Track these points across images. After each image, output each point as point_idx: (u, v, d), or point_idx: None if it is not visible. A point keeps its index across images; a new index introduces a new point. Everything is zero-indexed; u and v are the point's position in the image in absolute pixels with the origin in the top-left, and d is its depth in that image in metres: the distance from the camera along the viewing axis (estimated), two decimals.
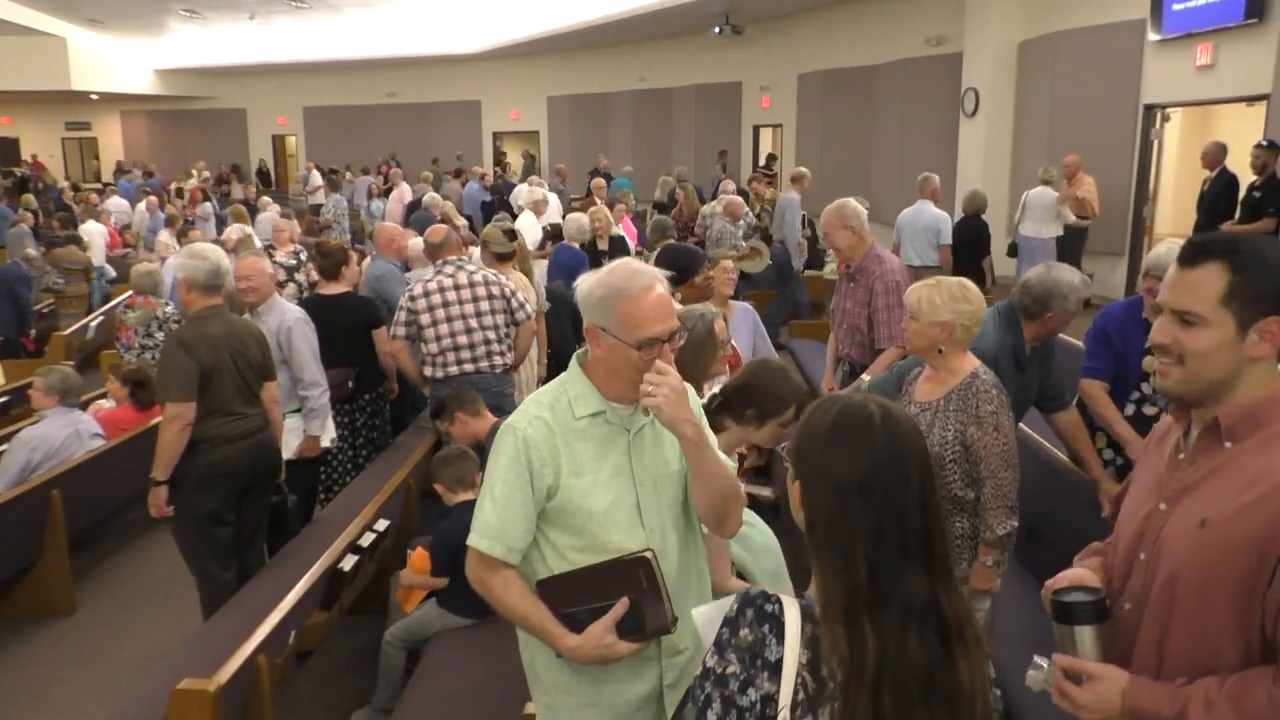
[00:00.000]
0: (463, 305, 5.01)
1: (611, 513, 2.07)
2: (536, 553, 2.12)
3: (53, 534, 4.97)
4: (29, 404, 6.78)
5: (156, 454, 4.02)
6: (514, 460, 2.05)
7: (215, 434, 4.07)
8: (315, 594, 3.65)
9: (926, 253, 8.42)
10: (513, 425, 2.09)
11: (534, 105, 23.86)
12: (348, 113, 25.34)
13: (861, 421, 1.43)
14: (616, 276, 2.08)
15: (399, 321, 5.08)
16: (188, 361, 3.98)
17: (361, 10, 20.84)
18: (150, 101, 26.45)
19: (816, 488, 1.44)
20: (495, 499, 2.07)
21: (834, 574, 1.40)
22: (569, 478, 2.06)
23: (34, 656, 4.61)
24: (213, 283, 4.18)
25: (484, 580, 2.10)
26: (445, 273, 5.06)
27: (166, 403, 4.01)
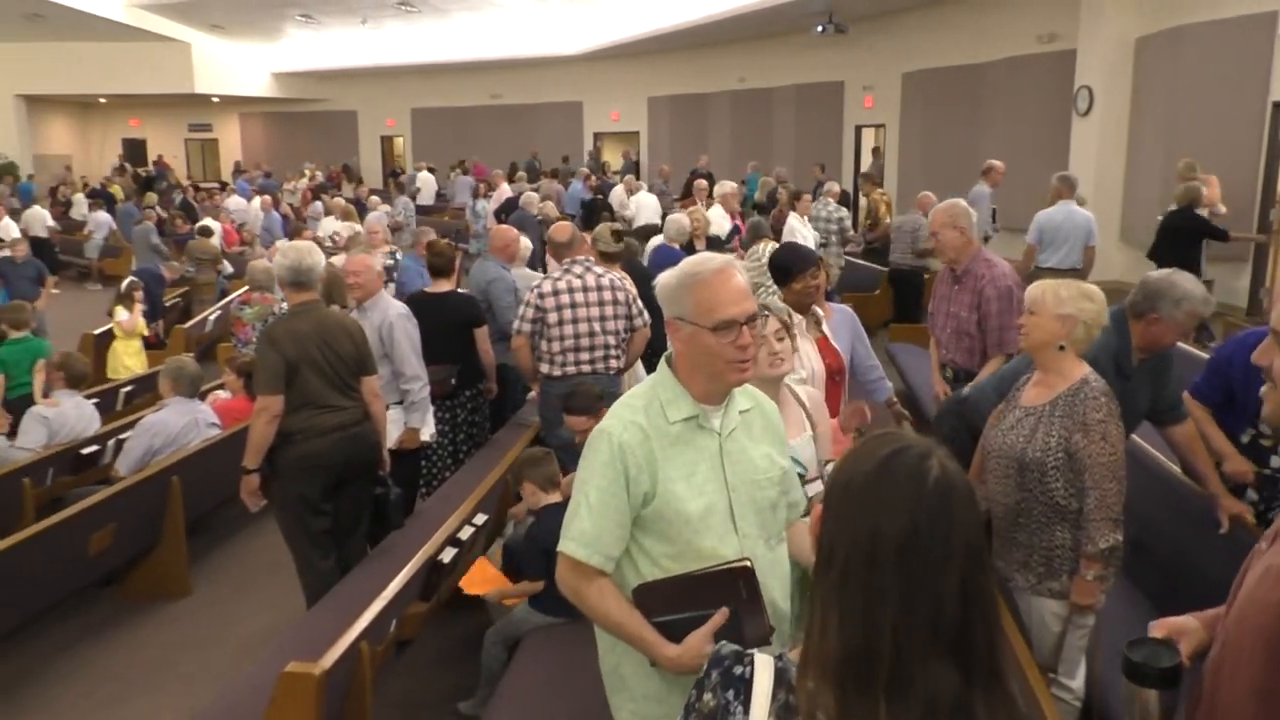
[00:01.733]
0: (589, 308, 5.03)
1: (706, 518, 2.05)
2: (628, 559, 2.10)
3: (171, 519, 5.21)
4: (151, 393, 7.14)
5: (248, 443, 4.21)
6: (609, 466, 2.03)
7: (307, 426, 4.20)
8: (415, 585, 3.74)
9: (1075, 256, 8.11)
10: (607, 431, 2.08)
11: (634, 106, 23.95)
12: (453, 114, 25.85)
13: (915, 473, 1.21)
14: (689, 264, 2.11)
15: (525, 318, 5.07)
16: (274, 356, 4.13)
17: (468, 14, 21.25)
18: (267, 104, 27.46)
19: (849, 526, 1.23)
20: (591, 506, 2.04)
21: (840, 627, 1.20)
22: (664, 484, 2.03)
23: (151, 637, 4.84)
24: (299, 279, 4.33)
25: (577, 588, 2.08)
26: (574, 273, 5.09)
27: (257, 395, 4.19)
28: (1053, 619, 3.10)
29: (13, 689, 4.35)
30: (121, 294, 9.01)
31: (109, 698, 4.27)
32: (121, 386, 7.90)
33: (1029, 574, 3.10)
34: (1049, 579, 3.07)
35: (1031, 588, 3.10)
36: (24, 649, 4.65)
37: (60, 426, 5.85)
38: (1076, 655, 3.14)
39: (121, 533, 4.85)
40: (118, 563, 5.05)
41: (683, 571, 2.02)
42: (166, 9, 21.46)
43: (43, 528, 4.43)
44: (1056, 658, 3.14)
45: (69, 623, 4.91)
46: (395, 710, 3.98)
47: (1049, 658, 3.14)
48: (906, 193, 15.86)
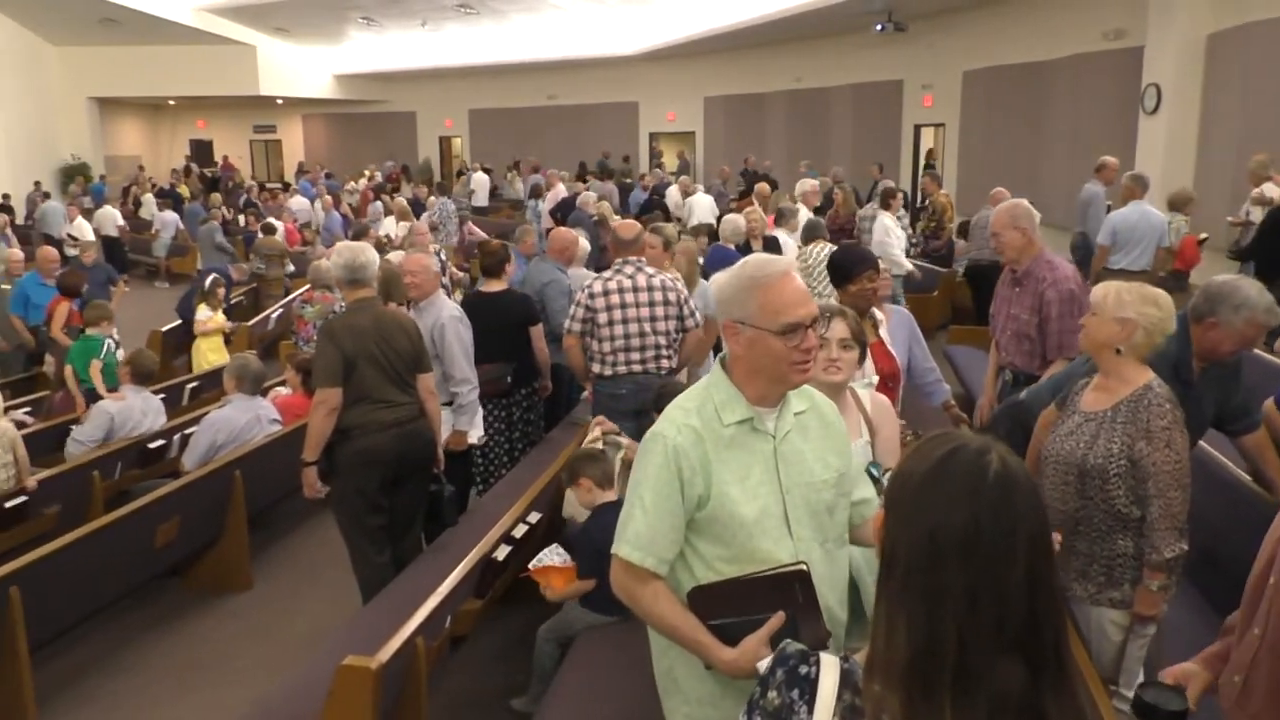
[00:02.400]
0: (639, 308, 5.03)
1: (761, 522, 2.04)
2: (682, 562, 2.09)
3: (234, 513, 5.32)
4: (216, 389, 7.30)
5: (307, 436, 4.29)
6: (663, 469, 2.03)
7: (365, 421, 4.27)
8: (470, 581, 3.78)
9: (1147, 257, 7.91)
10: (661, 434, 2.07)
11: (690, 106, 23.93)
12: (510, 115, 26.05)
13: (974, 468, 1.20)
14: (751, 267, 2.09)
15: (575, 318, 5.10)
16: (332, 350, 4.21)
17: (526, 15, 21.41)
18: (329, 105, 27.93)
19: (909, 527, 1.21)
20: (645, 508, 2.04)
21: (907, 630, 1.18)
22: (718, 487, 2.03)
23: (214, 628, 4.95)
24: (354, 276, 4.41)
25: (631, 590, 2.08)
26: (625, 273, 5.10)
27: (316, 388, 4.27)
28: (1113, 629, 3.03)
29: (83, 676, 4.48)
30: (205, 291, 9.21)
31: (174, 687, 4.38)
32: (187, 382, 8.09)
33: (1088, 583, 3.03)
34: (1109, 588, 3.00)
35: (1091, 597, 3.03)
36: (93, 638, 4.79)
37: (124, 421, 6.00)
38: (1136, 666, 3.07)
39: (186, 525, 4.97)
40: (182, 555, 5.18)
41: (737, 574, 2.02)
42: (233, 13, 21.95)
43: (111, 520, 4.55)
44: (1116, 668, 3.08)
45: (136, 613, 5.04)
46: (450, 705, 4.02)
47: (1108, 668, 3.08)
48: (966, 193, 15.65)
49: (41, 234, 16.58)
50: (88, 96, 24.46)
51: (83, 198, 19.11)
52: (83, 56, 23.71)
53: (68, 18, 21.36)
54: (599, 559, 3.63)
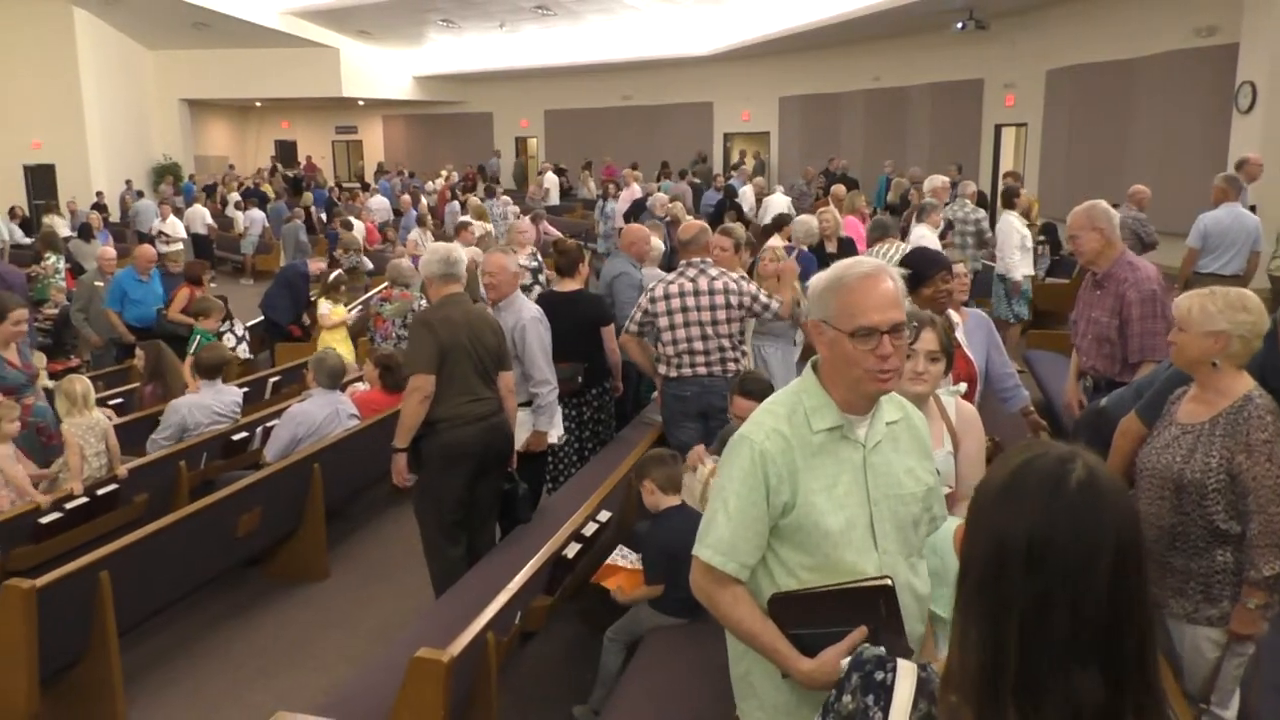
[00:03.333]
0: (700, 311, 5.02)
1: (847, 532, 2.00)
2: (764, 568, 2.07)
3: (313, 504, 5.45)
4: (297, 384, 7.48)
5: (399, 423, 4.35)
6: (749, 474, 2.00)
7: (455, 414, 4.33)
8: (540, 578, 3.82)
9: (1239, 261, 7.63)
10: (749, 438, 2.04)
11: (765, 106, 23.79)
12: (585, 115, 26.21)
13: (1050, 477, 1.16)
14: (841, 267, 2.07)
15: (633, 319, 5.14)
16: (429, 338, 4.28)
17: (601, 16, 21.52)
18: (408, 106, 28.42)
19: (980, 536, 1.19)
20: (729, 513, 2.02)
21: (978, 641, 1.17)
22: (805, 495, 2.00)
23: (292, 617, 5.08)
24: (449, 271, 4.49)
25: (711, 594, 2.06)
26: (687, 275, 5.09)
27: (411, 376, 4.33)
28: (1209, 646, 2.93)
29: (168, 660, 4.63)
30: (329, 285, 9.45)
31: (254, 673, 4.50)
32: (269, 376, 8.31)
33: (1185, 601, 2.93)
34: (1206, 606, 2.90)
35: (1188, 615, 2.93)
36: (178, 623, 4.95)
37: (194, 415, 6.07)
38: (1232, 685, 2.97)
39: (267, 516, 5.11)
40: (263, 544, 5.32)
41: (819, 583, 1.99)
42: (318, 16, 22.49)
43: (196, 508, 4.70)
44: (1210, 686, 2.98)
45: (218, 600, 5.19)
46: (519, 701, 4.05)
47: (1202, 687, 2.98)
48: (1048, 195, 15.28)
49: (135, 231, 17.21)
50: (179, 98, 25.33)
51: (174, 197, 19.76)
52: (175, 60, 24.55)
53: (162, 22, 22.13)
54: (664, 562, 3.64)
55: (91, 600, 3.94)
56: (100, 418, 5.36)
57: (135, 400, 7.48)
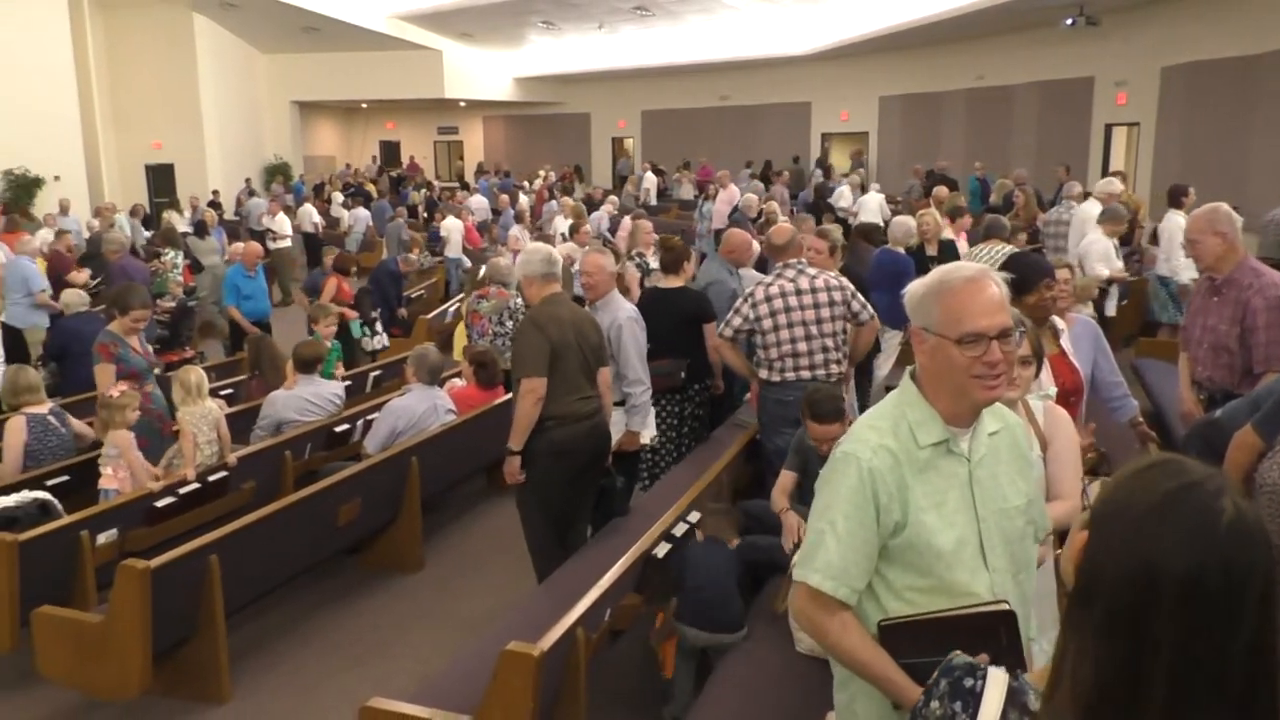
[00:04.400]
0: (804, 311, 4.96)
1: (958, 551, 1.92)
2: (868, 593, 1.98)
3: (410, 497, 5.58)
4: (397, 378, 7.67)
5: (513, 426, 4.39)
6: (858, 493, 1.92)
7: (564, 412, 4.37)
8: (630, 577, 3.83)
9: None
10: (855, 455, 1.95)
11: (864, 106, 23.47)
12: (681, 115, 26.25)
13: (1208, 512, 1.09)
14: (942, 271, 1.99)
15: (730, 324, 5.09)
16: (540, 339, 4.31)
17: (700, 16, 21.51)
18: (508, 107, 28.89)
19: (1122, 561, 1.11)
20: (838, 535, 1.93)
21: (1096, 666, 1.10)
22: (915, 513, 1.91)
23: (387, 606, 5.20)
24: (550, 271, 4.53)
25: (818, 622, 1.97)
26: (786, 277, 5.05)
27: (521, 378, 4.35)
28: None
29: (270, 642, 4.80)
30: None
31: (350, 659, 4.64)
32: (371, 370, 8.53)
33: None
34: None
35: None
36: (280, 608, 5.12)
37: (289, 408, 6.27)
38: None
39: (366, 506, 5.25)
40: (361, 534, 5.47)
41: (929, 606, 1.91)
42: (422, 19, 23.02)
43: (300, 497, 4.86)
44: None
45: (317, 587, 5.36)
46: (608, 699, 4.08)
47: None
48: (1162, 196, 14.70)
49: (247, 228, 17.88)
50: (290, 100, 26.26)
51: (285, 195, 20.47)
52: (287, 63, 25.45)
53: (274, 27, 22.96)
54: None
55: (201, 582, 4.11)
56: (213, 407, 5.58)
57: (243, 391, 7.77)
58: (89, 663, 3.94)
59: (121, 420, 5.16)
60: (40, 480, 5.20)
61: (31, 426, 5.48)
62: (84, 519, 4.69)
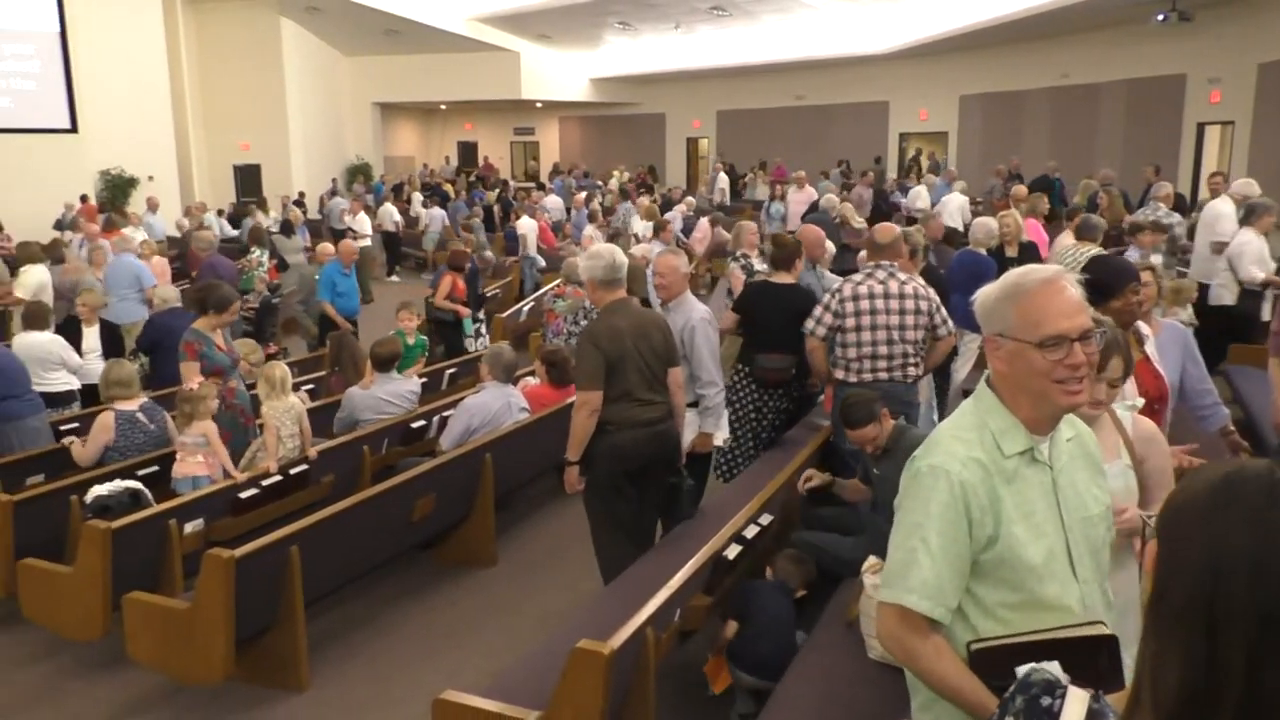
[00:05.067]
0: (889, 315, 4.92)
1: (1049, 564, 1.86)
2: (956, 611, 1.91)
3: (483, 493, 5.65)
4: (472, 376, 7.78)
5: (570, 436, 4.44)
6: (950, 509, 1.85)
7: (622, 418, 4.40)
8: (700, 577, 3.83)
9: None
10: (944, 469, 1.88)
11: (944, 105, 23.07)
12: (756, 115, 26.12)
13: (1268, 490, 1.09)
14: (1015, 275, 1.94)
15: (821, 320, 5.04)
16: (595, 354, 4.35)
17: (777, 16, 21.39)
18: (583, 108, 29.07)
19: (1188, 552, 1.11)
20: (931, 553, 1.85)
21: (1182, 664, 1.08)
22: (1007, 525, 1.86)
23: (460, 601, 5.28)
24: (612, 277, 4.52)
25: (910, 645, 1.89)
26: (877, 278, 5.00)
27: (578, 391, 4.43)
28: None
29: (347, 633, 4.91)
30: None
31: (425, 651, 4.72)
32: (446, 368, 8.67)
33: None
34: None
35: None
36: (356, 600, 5.23)
37: (366, 405, 6.40)
38: None
39: (440, 502, 5.33)
40: (435, 529, 5.55)
41: (1020, 622, 1.85)
42: (501, 21, 23.33)
43: (377, 491, 4.96)
44: None
45: (392, 580, 5.46)
46: (677, 699, 4.09)
47: None
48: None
49: (329, 227, 18.29)
50: (371, 102, 26.81)
51: (366, 195, 20.91)
52: (368, 65, 26.00)
53: (357, 30, 23.48)
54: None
55: (282, 572, 4.22)
56: (295, 402, 5.73)
57: (324, 387, 7.95)
58: (175, 648, 4.08)
59: (205, 410, 5.33)
60: (132, 470, 5.41)
61: (120, 424, 5.68)
62: (172, 508, 4.87)
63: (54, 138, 18.40)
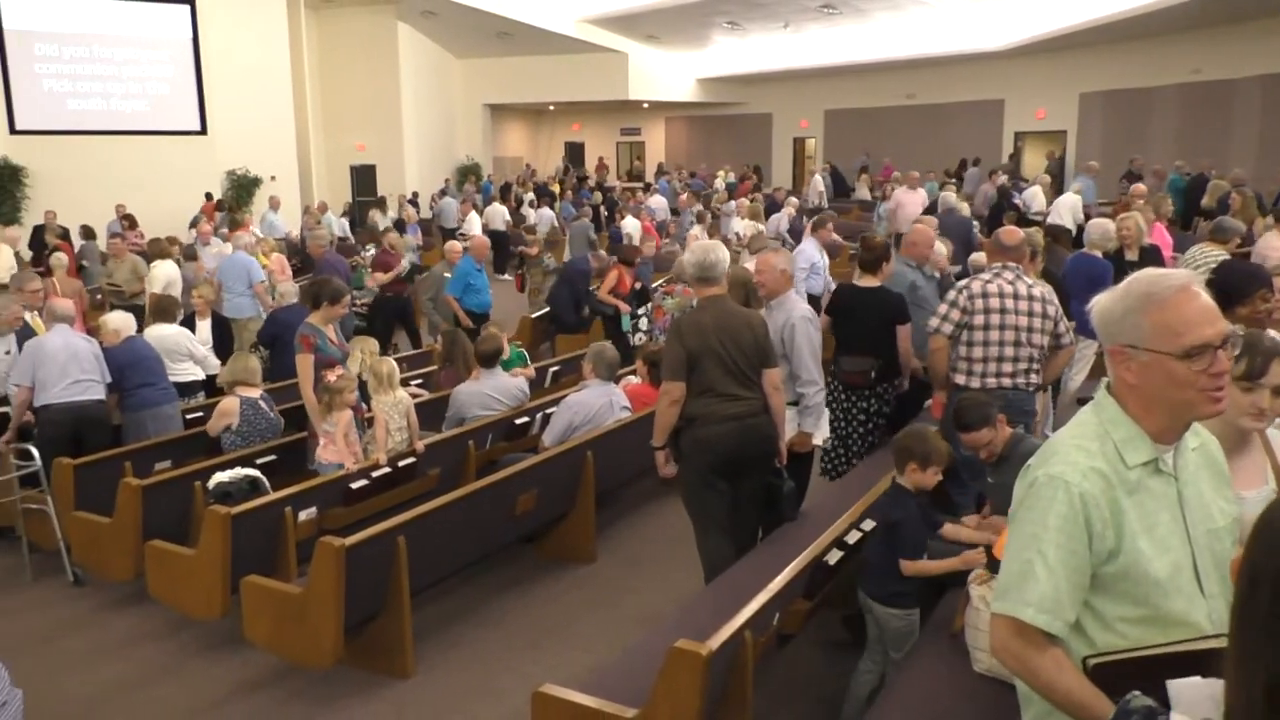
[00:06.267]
0: (1018, 316, 4.79)
1: (1174, 578, 1.80)
2: (1073, 625, 1.86)
3: (584, 490, 5.71)
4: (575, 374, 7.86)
5: (655, 423, 4.55)
6: (1069, 521, 1.81)
7: (706, 412, 4.42)
8: (800, 582, 3.79)
9: None
10: (1063, 479, 1.83)
11: (1063, 103, 22.28)
12: (865, 115, 25.69)
13: None
14: (1141, 283, 1.86)
15: (948, 318, 4.90)
16: (677, 347, 4.42)
17: (889, 13, 21.01)
18: (690, 108, 29.07)
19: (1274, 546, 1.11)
20: (1050, 565, 1.81)
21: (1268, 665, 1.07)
22: (1130, 538, 1.80)
23: (560, 595, 5.35)
24: (704, 275, 4.56)
25: (1027, 659, 1.84)
26: (1005, 278, 4.88)
27: (662, 381, 4.52)
28: None
29: (450, 624, 5.02)
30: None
31: (525, 644, 4.79)
32: (550, 366, 8.79)
33: None
34: None
35: None
36: (460, 591, 5.36)
37: (470, 401, 6.50)
38: None
39: (542, 497, 5.41)
40: (537, 524, 5.64)
41: (1141, 638, 1.79)
42: (609, 23, 23.53)
43: (481, 485, 5.07)
44: None
45: (495, 573, 5.56)
46: (774, 703, 4.06)
47: None
48: None
49: (439, 226, 18.75)
50: (482, 103, 27.36)
51: (475, 195, 21.35)
52: (480, 67, 26.56)
53: (470, 33, 24.00)
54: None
55: (390, 561, 4.35)
56: (403, 396, 5.89)
57: (434, 382, 8.14)
58: (288, 631, 4.24)
59: (341, 401, 5.54)
60: (251, 459, 5.64)
61: (244, 409, 5.96)
62: (288, 496, 5.06)
63: (185, 139, 19.36)
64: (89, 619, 5.25)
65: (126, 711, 4.32)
